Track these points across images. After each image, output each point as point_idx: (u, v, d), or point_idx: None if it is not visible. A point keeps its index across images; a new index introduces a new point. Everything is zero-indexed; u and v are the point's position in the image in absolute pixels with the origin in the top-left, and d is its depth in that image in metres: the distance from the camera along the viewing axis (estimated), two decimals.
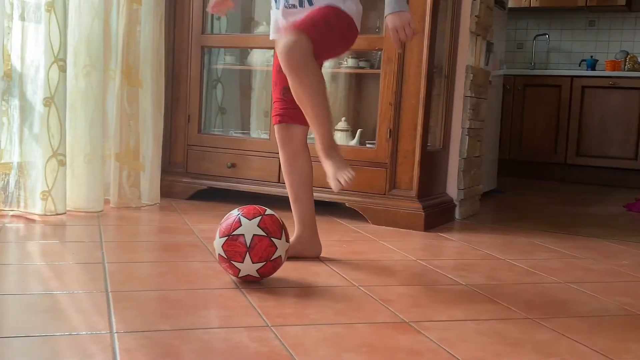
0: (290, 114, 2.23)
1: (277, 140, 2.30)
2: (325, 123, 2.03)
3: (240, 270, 1.88)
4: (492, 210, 3.85)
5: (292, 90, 2.01)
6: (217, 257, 1.94)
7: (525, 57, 6.31)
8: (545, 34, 6.22)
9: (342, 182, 1.97)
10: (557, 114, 5.69)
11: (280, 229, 1.93)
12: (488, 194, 4.28)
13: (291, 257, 2.17)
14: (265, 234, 1.87)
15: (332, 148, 2.06)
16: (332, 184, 2.02)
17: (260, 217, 1.90)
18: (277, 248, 1.89)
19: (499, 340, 1.59)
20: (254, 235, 1.86)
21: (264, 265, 1.88)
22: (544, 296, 2.02)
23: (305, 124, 2.18)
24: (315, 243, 2.31)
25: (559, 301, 1.97)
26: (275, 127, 2.28)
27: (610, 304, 1.97)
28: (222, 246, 1.89)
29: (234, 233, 1.87)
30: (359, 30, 2.18)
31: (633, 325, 1.79)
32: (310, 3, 2.09)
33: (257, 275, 1.90)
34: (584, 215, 3.88)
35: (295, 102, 2.08)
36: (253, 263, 1.86)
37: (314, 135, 2.07)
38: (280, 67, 2.07)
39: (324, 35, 2.01)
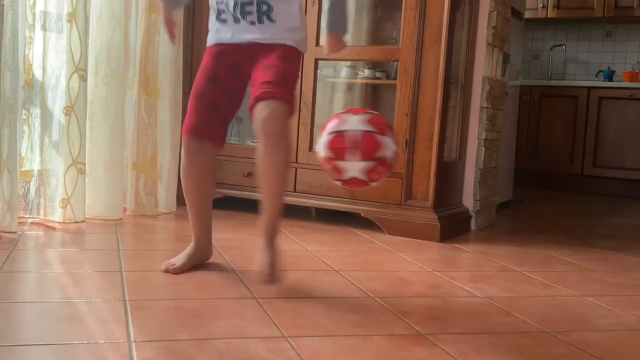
0: (211, 133, 2.06)
1: (186, 156, 2.08)
2: (282, 199, 1.96)
3: (345, 171, 1.79)
4: (509, 221, 3.83)
5: (261, 159, 1.88)
6: (320, 159, 1.86)
7: (542, 68, 6.29)
8: (562, 45, 6.20)
9: (272, 280, 1.90)
10: (574, 124, 5.67)
11: (388, 127, 1.83)
12: (505, 205, 4.26)
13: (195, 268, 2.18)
14: (374, 130, 1.76)
15: (277, 232, 1.97)
16: (262, 280, 1.91)
17: (367, 114, 1.82)
18: (385, 146, 1.77)
19: (515, 353, 1.59)
20: (362, 131, 1.76)
21: (373, 166, 1.78)
22: (561, 309, 2.01)
23: (219, 145, 2.09)
24: (209, 247, 2.26)
25: (576, 315, 1.97)
26: (188, 140, 2.06)
27: (627, 318, 1.96)
28: (326, 144, 1.81)
29: (340, 129, 1.79)
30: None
31: None
32: (271, 20, 1.97)
33: (364, 179, 1.80)
34: (601, 227, 3.86)
35: (218, 124, 2.04)
36: (361, 161, 1.75)
37: (265, 213, 1.92)
38: (216, 76, 2.02)
39: (293, 94, 1.96)
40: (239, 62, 2.04)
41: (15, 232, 2.56)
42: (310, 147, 3.26)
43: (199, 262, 2.20)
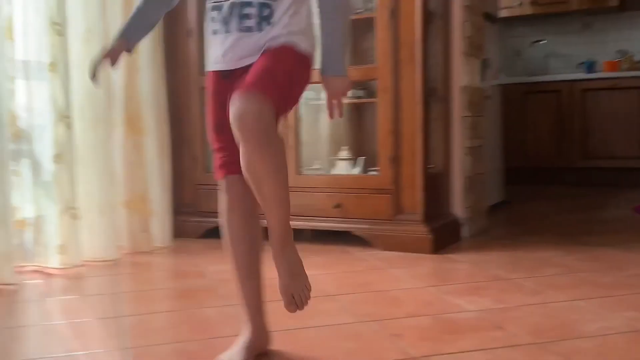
0: (237, 162, 1.62)
1: (230, 196, 1.74)
2: (284, 205, 1.59)
3: None
4: (500, 224, 3.88)
5: (244, 165, 1.54)
6: None
7: (523, 64, 6.36)
8: (540, 40, 6.27)
9: (298, 301, 1.63)
10: (560, 118, 5.74)
11: None
12: (497, 206, 4.32)
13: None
14: None
15: (289, 240, 1.63)
16: (286, 299, 1.62)
17: None
18: None
19: None
20: None
21: None
22: (551, 317, 2.06)
23: None
24: (266, 330, 1.81)
25: (566, 322, 2.01)
26: (229, 178, 1.73)
27: (616, 321, 2.01)
28: None
29: None
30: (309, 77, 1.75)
31: (638, 343, 1.83)
32: (269, 24, 1.63)
33: None
34: (592, 222, 3.91)
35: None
36: None
37: (267, 223, 1.61)
38: (223, 101, 1.66)
39: (285, 93, 1.62)
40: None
41: (14, 284, 2.60)
42: (298, 170, 3.32)
43: (258, 352, 1.77)
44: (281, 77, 1.60)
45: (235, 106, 1.51)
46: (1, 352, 1.86)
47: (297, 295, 1.63)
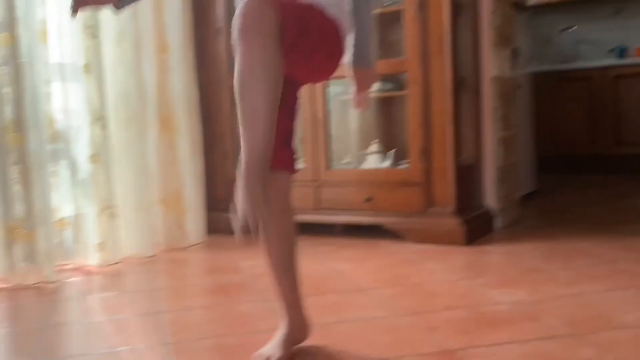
0: (275, 158, 1.60)
1: None
2: (262, 123, 1.40)
3: None
4: (534, 214, 3.86)
5: (235, 70, 1.44)
6: None
7: (553, 52, 6.28)
8: (571, 27, 6.18)
9: (240, 232, 1.42)
10: (592, 105, 5.66)
11: None
12: (529, 196, 4.29)
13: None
14: None
15: (258, 171, 1.40)
16: (235, 223, 1.44)
17: None
18: None
19: None
20: None
21: None
22: (586, 308, 2.06)
23: (291, 169, 1.74)
24: (304, 322, 1.82)
25: (602, 313, 2.01)
26: None
27: None
28: None
29: None
30: (343, 52, 1.71)
31: None
32: None
33: None
34: (626, 211, 3.86)
35: (280, 145, 1.66)
36: None
37: (242, 143, 1.44)
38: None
39: (301, 23, 1.52)
40: None
41: (56, 282, 2.68)
42: (329, 165, 3.34)
43: (296, 345, 1.79)
44: (298, 12, 1.53)
45: (237, 11, 1.43)
46: (45, 349, 1.92)
47: (242, 230, 1.42)
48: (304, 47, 1.56)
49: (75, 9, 1.71)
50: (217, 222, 3.60)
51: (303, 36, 1.54)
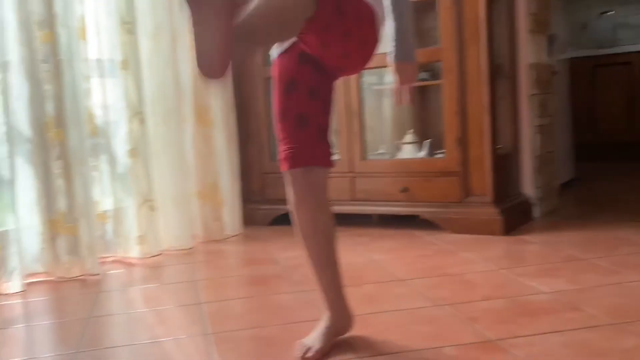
0: (311, 154, 1.69)
1: (296, 190, 1.71)
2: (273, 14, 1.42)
3: None
4: (572, 203, 3.81)
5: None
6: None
7: (591, 37, 6.16)
8: (608, 11, 6.06)
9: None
10: (631, 91, 5.54)
11: None
12: (568, 184, 4.23)
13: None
14: None
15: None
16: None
17: None
18: None
19: (584, 351, 1.62)
20: None
21: None
22: (628, 298, 2.03)
23: (327, 164, 1.73)
24: (347, 314, 1.82)
25: None
26: (293, 172, 1.70)
27: None
28: None
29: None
30: (378, 41, 1.69)
31: None
32: None
33: None
34: None
35: (316, 138, 1.69)
36: None
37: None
38: (292, 81, 1.68)
39: (334, 2, 1.52)
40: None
41: (98, 274, 2.73)
42: (364, 156, 3.34)
43: (339, 336, 1.79)
44: None
45: None
46: (90, 340, 1.96)
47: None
48: (338, 30, 1.55)
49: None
50: (253, 214, 3.63)
51: (337, 18, 1.53)
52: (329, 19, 1.51)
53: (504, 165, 3.18)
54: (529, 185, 3.36)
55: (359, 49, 1.64)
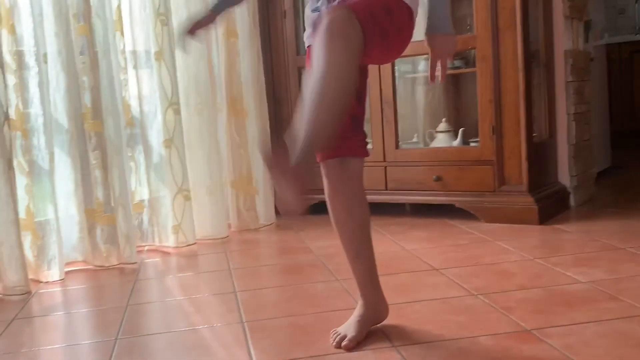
0: (345, 145, 1.67)
1: (330, 180, 1.72)
2: (329, 115, 1.42)
3: None
4: (609, 192, 3.75)
5: (312, 65, 1.45)
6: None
7: (628, 23, 6.03)
8: None
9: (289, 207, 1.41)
10: None
11: None
12: (604, 173, 4.16)
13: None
14: None
15: (309, 156, 1.41)
16: (281, 206, 1.51)
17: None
18: None
19: (622, 342, 1.60)
20: None
21: None
22: None
23: (362, 154, 1.74)
24: (381, 303, 1.83)
25: None
26: (328, 163, 1.70)
27: None
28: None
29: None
30: (412, 26, 1.65)
31: None
32: None
33: None
34: None
35: (350, 129, 1.68)
36: None
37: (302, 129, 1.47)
38: None
39: (380, 22, 1.50)
40: None
41: (136, 263, 2.78)
42: (397, 145, 3.33)
43: (373, 325, 1.80)
44: (377, 7, 1.51)
45: (322, 22, 1.44)
46: (129, 327, 2.00)
47: (291, 204, 1.40)
48: (393, 29, 1.55)
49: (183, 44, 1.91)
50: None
51: (388, 19, 1.52)
52: (381, 27, 1.50)
53: (540, 154, 3.14)
54: (564, 174, 3.31)
55: (397, 38, 1.61)
